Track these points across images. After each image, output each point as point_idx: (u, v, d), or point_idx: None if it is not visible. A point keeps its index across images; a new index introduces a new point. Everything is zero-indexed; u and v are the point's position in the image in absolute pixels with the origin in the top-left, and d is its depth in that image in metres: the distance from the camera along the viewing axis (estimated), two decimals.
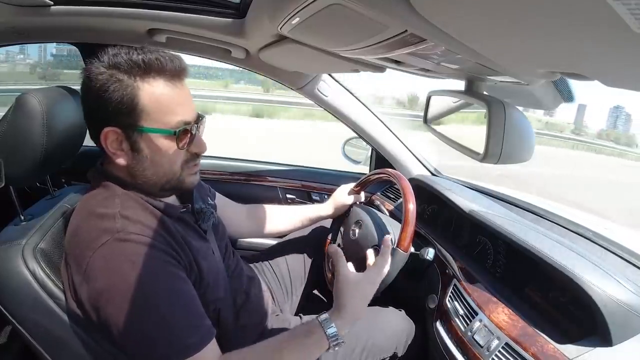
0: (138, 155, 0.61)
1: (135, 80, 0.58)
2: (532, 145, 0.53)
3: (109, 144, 0.61)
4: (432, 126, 0.74)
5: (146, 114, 0.59)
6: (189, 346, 0.56)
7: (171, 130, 0.60)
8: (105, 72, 0.58)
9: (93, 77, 0.58)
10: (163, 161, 0.62)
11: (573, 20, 0.23)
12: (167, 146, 0.61)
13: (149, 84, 0.58)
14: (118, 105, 0.58)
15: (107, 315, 0.55)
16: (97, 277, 0.56)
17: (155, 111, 0.59)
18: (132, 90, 0.58)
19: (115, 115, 0.58)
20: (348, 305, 0.69)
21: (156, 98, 0.59)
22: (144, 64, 0.58)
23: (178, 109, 0.61)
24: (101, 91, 0.58)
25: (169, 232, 0.63)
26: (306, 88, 1.25)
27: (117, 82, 0.57)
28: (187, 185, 0.67)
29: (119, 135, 0.60)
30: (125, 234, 0.57)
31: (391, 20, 0.40)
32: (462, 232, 1.03)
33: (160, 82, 0.59)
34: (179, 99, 0.61)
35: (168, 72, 0.59)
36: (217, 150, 1.33)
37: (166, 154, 0.62)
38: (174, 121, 0.60)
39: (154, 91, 0.59)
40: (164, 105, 0.59)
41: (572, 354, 0.61)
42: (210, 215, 0.76)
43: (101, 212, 0.60)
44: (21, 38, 1.05)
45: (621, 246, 0.84)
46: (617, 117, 34.66)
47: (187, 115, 0.62)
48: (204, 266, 0.67)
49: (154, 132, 0.60)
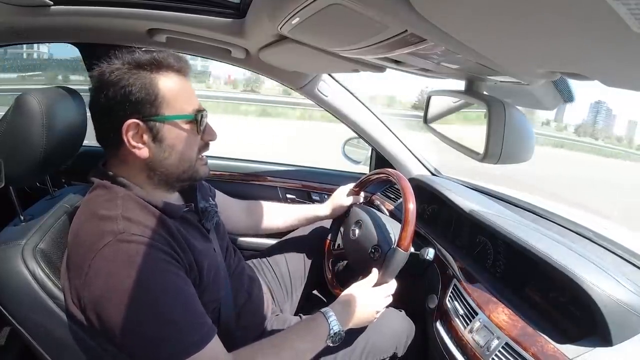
0: (160, 144, 0.64)
1: (152, 72, 0.62)
2: (532, 145, 0.53)
3: (131, 137, 0.62)
4: (432, 126, 0.75)
5: (166, 102, 0.63)
6: (190, 345, 0.57)
7: (191, 115, 0.65)
8: (121, 67, 0.61)
9: (108, 73, 0.61)
10: (184, 148, 0.66)
11: (573, 20, 0.23)
12: (187, 132, 0.65)
13: (165, 76, 0.63)
14: (140, 96, 0.61)
15: (110, 315, 0.55)
16: (100, 279, 0.56)
17: (174, 100, 0.63)
18: (152, 81, 0.62)
19: (136, 106, 0.61)
20: (352, 306, 0.76)
21: (173, 88, 0.63)
22: (157, 60, 0.63)
23: (191, 97, 0.66)
24: (120, 85, 0.60)
25: (170, 232, 0.63)
26: (306, 88, 1.25)
27: (136, 74, 0.61)
28: (201, 175, 0.71)
29: (140, 127, 0.62)
30: (127, 235, 0.57)
31: (391, 20, 0.40)
32: (462, 232, 1.03)
33: (173, 75, 0.64)
34: (190, 90, 0.67)
35: (177, 68, 0.64)
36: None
37: (187, 141, 0.65)
38: (191, 108, 0.65)
39: (170, 82, 0.63)
40: (180, 95, 0.64)
41: (572, 354, 0.61)
42: (213, 215, 0.77)
43: (103, 214, 0.60)
44: (21, 38, 1.05)
45: (621, 246, 0.84)
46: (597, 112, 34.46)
47: (197, 104, 0.67)
48: (204, 266, 0.67)
49: (176, 118, 0.64)
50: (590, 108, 37.85)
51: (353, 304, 0.77)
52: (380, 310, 0.82)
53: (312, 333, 0.71)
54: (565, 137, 13.06)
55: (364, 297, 0.79)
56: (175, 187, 0.71)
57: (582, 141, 12.49)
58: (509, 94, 0.66)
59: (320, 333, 0.71)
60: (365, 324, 0.81)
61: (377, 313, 0.81)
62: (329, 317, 0.72)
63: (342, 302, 0.78)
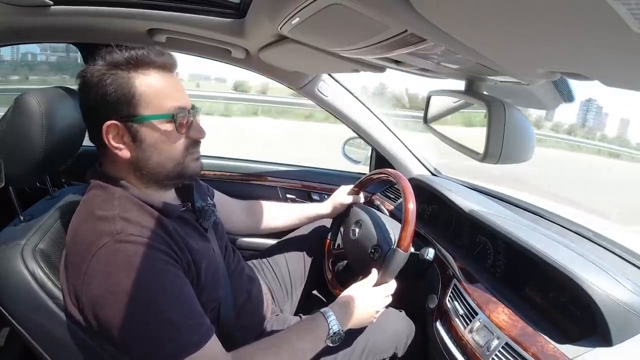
0: (141, 145, 0.62)
1: (129, 72, 0.60)
2: (532, 145, 0.53)
3: (111, 138, 0.62)
4: (432, 126, 0.74)
5: (144, 102, 0.61)
6: (189, 345, 0.57)
7: (169, 114, 0.62)
8: (100, 68, 0.60)
9: (89, 74, 0.60)
10: (165, 147, 0.64)
11: (573, 20, 0.23)
12: (167, 131, 0.63)
13: (143, 74, 0.61)
14: (116, 97, 0.60)
15: (108, 316, 0.55)
16: (98, 279, 0.56)
17: (152, 98, 0.61)
18: (128, 80, 0.60)
19: (114, 107, 0.60)
20: (351, 306, 0.76)
21: (151, 86, 0.61)
22: (135, 57, 0.61)
23: (173, 95, 0.63)
24: (99, 86, 0.60)
25: (167, 232, 0.63)
26: (306, 88, 1.25)
27: (113, 75, 0.60)
28: (192, 172, 0.68)
29: (120, 128, 0.61)
30: (125, 235, 0.57)
31: (391, 20, 0.40)
32: (462, 232, 1.03)
33: (153, 72, 0.62)
34: (173, 87, 0.64)
35: (158, 64, 0.62)
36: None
37: (167, 140, 0.63)
38: (170, 106, 0.62)
39: (149, 80, 0.61)
40: (159, 92, 0.62)
41: (572, 353, 0.61)
42: (211, 214, 0.77)
43: (100, 215, 0.60)
44: (21, 38, 1.05)
45: (621, 246, 0.84)
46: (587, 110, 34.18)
47: (182, 101, 0.64)
48: (203, 265, 0.67)
49: (153, 118, 0.61)
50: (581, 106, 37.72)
51: (352, 304, 0.78)
52: (380, 311, 0.82)
53: (311, 333, 0.71)
54: (564, 137, 13.04)
55: (363, 298, 0.80)
56: (167, 185, 0.69)
57: (579, 141, 12.50)
58: (509, 94, 0.66)
59: (319, 333, 0.71)
60: (365, 324, 0.81)
61: (377, 313, 0.81)
62: (329, 317, 0.72)
63: (341, 303, 0.78)
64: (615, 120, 34.94)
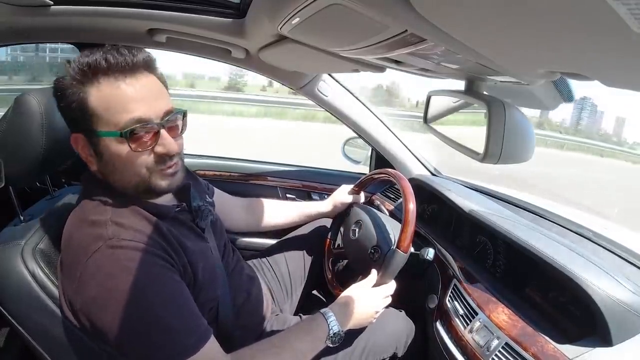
0: (102, 159, 0.60)
1: (84, 84, 0.57)
2: (532, 146, 0.52)
3: (81, 149, 0.61)
4: (432, 126, 0.74)
5: (97, 117, 0.57)
6: (186, 348, 0.56)
7: (118, 132, 0.56)
8: (63, 81, 0.58)
9: (57, 85, 0.59)
10: (121, 165, 0.59)
11: (573, 20, 0.23)
12: (119, 149, 0.57)
13: (96, 86, 0.56)
14: (75, 111, 0.58)
15: (103, 322, 0.55)
16: (91, 285, 0.55)
17: (105, 112, 0.56)
18: (81, 95, 0.56)
19: (74, 121, 0.60)
20: (351, 307, 0.76)
21: (104, 99, 0.56)
22: (89, 67, 0.56)
23: (131, 107, 0.56)
24: (61, 99, 0.58)
25: (162, 235, 0.62)
26: (306, 88, 1.25)
27: (70, 88, 0.57)
28: (162, 189, 0.62)
29: (84, 141, 0.60)
30: (117, 240, 0.57)
31: (391, 20, 0.40)
32: (462, 232, 1.03)
33: (109, 82, 0.56)
34: (133, 96, 0.57)
35: (117, 69, 0.56)
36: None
37: (122, 158, 0.58)
38: (125, 120, 0.56)
39: (102, 92, 0.56)
40: (113, 105, 0.56)
41: (572, 354, 0.61)
42: (208, 213, 0.76)
43: (92, 220, 0.59)
44: (21, 38, 1.05)
45: (621, 246, 0.84)
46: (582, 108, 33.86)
47: (144, 112, 0.57)
48: (199, 266, 0.66)
49: (105, 135, 0.57)
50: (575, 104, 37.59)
51: (352, 305, 0.78)
52: (380, 311, 0.82)
53: (311, 333, 0.71)
54: (566, 137, 13.03)
55: (363, 298, 0.80)
56: (145, 198, 0.64)
57: (578, 141, 12.50)
58: (509, 94, 0.66)
59: (319, 333, 0.71)
60: (365, 324, 0.81)
61: (377, 313, 0.81)
62: (329, 318, 0.72)
63: (341, 303, 0.78)
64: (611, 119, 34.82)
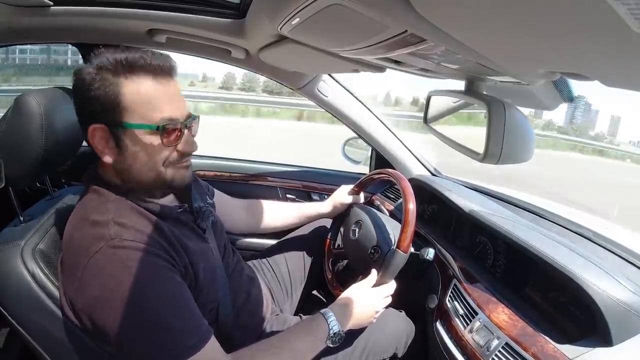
0: (123, 152, 0.61)
1: (119, 77, 0.58)
2: (532, 146, 0.53)
3: (97, 141, 0.61)
4: (432, 126, 0.74)
5: (130, 110, 0.59)
6: (187, 349, 0.56)
7: (154, 125, 0.59)
8: (91, 71, 0.59)
9: (80, 76, 0.59)
10: (145, 158, 0.61)
11: (573, 20, 0.23)
12: (150, 142, 0.60)
13: (132, 81, 0.58)
14: (103, 102, 0.58)
15: (104, 322, 0.55)
16: (92, 285, 0.55)
17: (139, 107, 0.59)
18: (116, 87, 0.58)
19: (100, 112, 0.59)
20: (351, 307, 0.76)
21: (140, 94, 0.59)
22: (127, 62, 0.58)
23: (163, 106, 0.60)
24: (87, 89, 0.58)
25: (163, 235, 0.62)
26: (306, 88, 1.25)
27: (102, 80, 0.58)
28: (178, 183, 0.65)
29: (105, 132, 0.60)
30: (119, 240, 0.57)
31: (391, 20, 0.40)
32: (462, 232, 1.03)
33: (145, 79, 0.59)
34: (165, 96, 0.60)
35: (152, 70, 0.59)
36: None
37: (149, 151, 0.61)
38: (158, 117, 0.59)
39: (137, 88, 0.59)
40: (147, 102, 0.59)
41: (572, 354, 0.61)
42: (209, 214, 0.77)
43: (94, 219, 0.59)
44: (21, 38, 1.05)
45: (621, 246, 0.84)
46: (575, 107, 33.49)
47: (174, 112, 0.61)
48: (200, 267, 0.67)
49: (136, 127, 0.59)
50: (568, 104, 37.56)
51: (352, 305, 0.78)
52: (380, 311, 0.82)
53: (311, 334, 0.71)
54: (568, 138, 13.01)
55: (363, 298, 0.80)
56: (155, 194, 0.67)
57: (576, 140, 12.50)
58: (509, 94, 0.66)
59: (319, 334, 0.71)
60: (365, 324, 0.81)
61: (377, 313, 0.81)
62: (329, 318, 0.72)
63: (341, 303, 0.78)
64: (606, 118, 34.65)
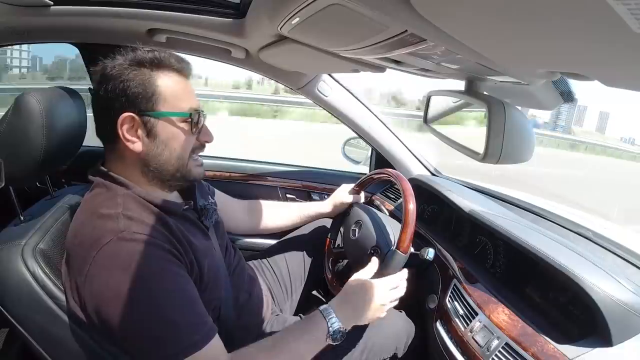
0: (154, 140, 0.64)
1: (152, 70, 0.64)
2: (532, 146, 0.53)
3: (126, 130, 0.63)
4: (432, 126, 0.75)
5: (163, 99, 0.64)
6: (192, 344, 0.57)
7: (186, 112, 0.66)
8: (123, 63, 0.63)
9: (110, 67, 0.63)
10: (177, 146, 0.66)
11: (573, 20, 0.23)
12: (181, 130, 0.66)
13: (165, 74, 0.65)
14: (137, 91, 0.62)
15: (110, 314, 0.55)
16: (101, 277, 0.56)
17: (171, 97, 0.65)
18: (150, 77, 0.63)
19: (133, 100, 0.62)
20: (352, 302, 0.74)
21: (171, 86, 0.65)
22: (158, 59, 0.64)
23: (190, 97, 0.67)
24: (120, 79, 0.62)
25: (170, 230, 0.63)
26: (306, 88, 1.25)
27: (136, 70, 0.63)
28: (194, 176, 0.71)
29: (136, 121, 0.63)
30: (128, 233, 0.57)
31: (391, 20, 0.40)
32: (462, 232, 1.03)
33: (176, 75, 0.66)
34: (190, 90, 0.68)
35: (177, 68, 0.66)
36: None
37: (180, 138, 0.66)
38: (187, 107, 0.66)
39: (168, 80, 0.65)
40: (177, 93, 0.65)
41: (572, 354, 0.61)
42: (212, 212, 0.78)
43: (103, 213, 0.60)
44: (21, 38, 1.05)
45: (621, 246, 0.84)
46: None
47: (196, 104, 0.68)
48: (205, 264, 0.67)
49: (171, 115, 0.65)
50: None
51: (352, 299, 0.75)
52: (386, 304, 0.78)
53: (312, 333, 0.70)
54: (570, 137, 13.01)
55: (363, 291, 0.76)
56: (170, 186, 0.70)
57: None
58: (509, 94, 0.66)
59: (319, 332, 0.69)
60: (372, 318, 0.76)
61: (384, 306, 0.77)
62: (328, 315, 0.71)
63: (340, 299, 0.76)
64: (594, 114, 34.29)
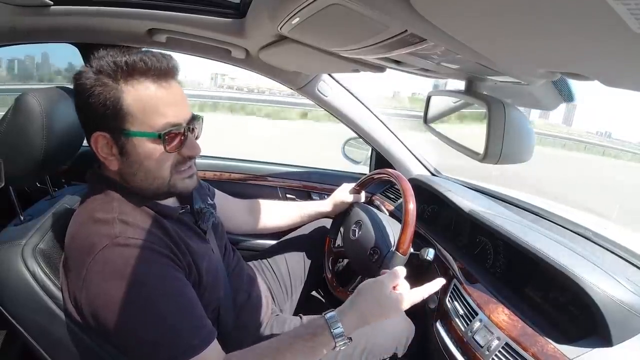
0: (127, 159, 0.60)
1: (118, 83, 0.57)
2: (532, 146, 0.53)
3: (100, 148, 0.60)
4: (432, 126, 0.74)
5: (131, 116, 0.57)
6: (190, 348, 0.56)
7: (156, 133, 0.58)
8: (91, 76, 0.57)
9: (80, 81, 0.58)
10: (151, 165, 0.60)
11: (573, 20, 0.23)
12: (153, 149, 0.59)
13: (132, 86, 0.57)
14: (103, 110, 0.57)
15: (107, 319, 0.55)
16: (97, 282, 0.56)
17: (141, 114, 0.57)
18: (116, 93, 0.56)
19: (101, 119, 0.58)
20: (362, 306, 0.66)
21: (141, 100, 0.57)
22: (127, 66, 0.56)
23: (165, 110, 0.59)
24: (87, 96, 0.57)
25: (167, 234, 0.62)
26: (306, 88, 1.25)
27: (102, 86, 0.56)
28: (180, 190, 0.65)
29: (108, 139, 0.59)
30: (124, 238, 0.57)
31: (391, 20, 0.40)
32: (462, 232, 1.03)
33: (146, 84, 0.58)
34: (167, 100, 0.59)
35: (153, 73, 0.58)
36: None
37: (153, 158, 0.60)
38: (161, 123, 0.58)
39: (138, 93, 0.57)
40: (149, 107, 0.58)
41: (572, 354, 0.61)
42: (209, 215, 0.76)
43: (99, 217, 0.59)
44: (21, 38, 1.04)
45: (621, 246, 0.84)
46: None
47: (176, 116, 0.60)
48: (203, 267, 0.67)
49: (139, 135, 0.58)
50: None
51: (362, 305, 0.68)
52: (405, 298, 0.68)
53: (314, 340, 0.63)
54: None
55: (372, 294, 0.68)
56: (157, 197, 0.66)
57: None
58: (509, 94, 0.66)
59: (323, 339, 0.64)
60: (390, 314, 0.68)
61: (400, 303, 0.68)
62: (332, 325, 0.64)
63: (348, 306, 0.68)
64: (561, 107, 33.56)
